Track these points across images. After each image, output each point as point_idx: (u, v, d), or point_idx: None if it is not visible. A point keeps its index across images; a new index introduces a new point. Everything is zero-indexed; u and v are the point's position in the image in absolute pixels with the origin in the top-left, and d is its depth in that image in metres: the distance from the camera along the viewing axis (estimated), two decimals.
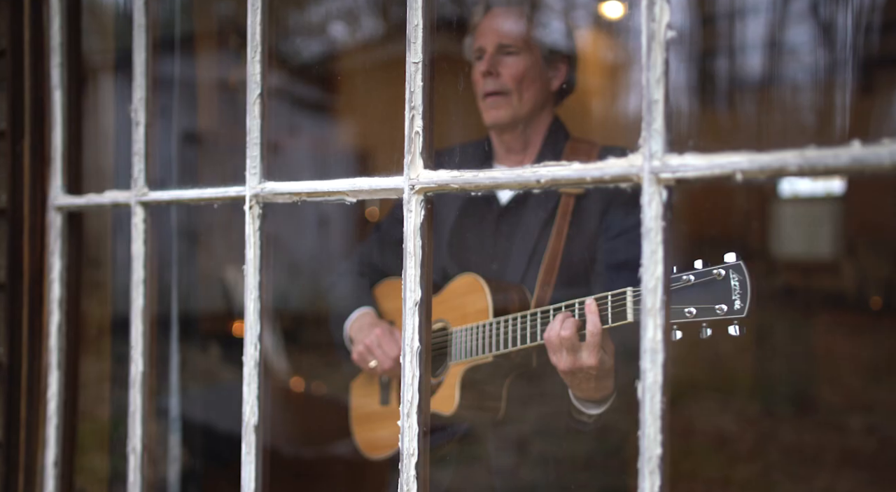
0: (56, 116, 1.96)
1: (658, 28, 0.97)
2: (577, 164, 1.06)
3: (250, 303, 1.48)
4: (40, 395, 1.96)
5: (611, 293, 1.47)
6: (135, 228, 1.72)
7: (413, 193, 1.23)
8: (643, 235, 0.99)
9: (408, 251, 1.24)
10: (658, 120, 0.98)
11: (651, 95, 0.98)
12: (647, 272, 0.98)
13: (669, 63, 0.98)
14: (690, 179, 0.95)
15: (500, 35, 1.78)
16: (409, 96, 1.24)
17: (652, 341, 0.98)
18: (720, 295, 1.34)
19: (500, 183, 1.14)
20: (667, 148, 0.98)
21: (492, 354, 1.64)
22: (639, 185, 1.00)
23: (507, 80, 1.76)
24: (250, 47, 1.49)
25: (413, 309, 1.24)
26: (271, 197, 1.45)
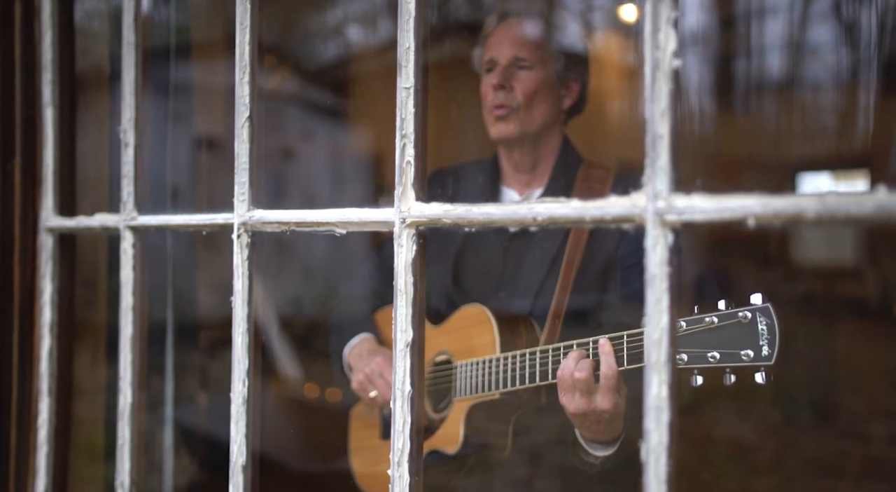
0: (48, 135, 1.90)
1: (663, 57, 0.89)
2: (577, 202, 0.98)
3: (238, 337, 1.41)
4: (31, 422, 1.91)
5: (627, 333, 1.39)
6: (124, 254, 1.66)
7: (404, 226, 1.16)
8: (647, 283, 0.91)
9: (398, 289, 1.16)
10: (663, 157, 0.90)
11: (655, 130, 0.90)
12: (651, 323, 0.90)
13: (676, 94, 0.89)
14: (698, 222, 0.87)
15: (515, 47, 1.70)
16: (399, 123, 1.16)
17: (656, 399, 0.89)
18: (746, 340, 1.26)
19: (495, 219, 1.06)
20: (673, 187, 0.90)
21: (499, 391, 1.56)
22: (642, 227, 0.92)
23: (518, 95, 1.69)
24: (238, 68, 1.42)
25: (404, 350, 1.16)
26: (260, 225, 1.38)
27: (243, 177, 1.41)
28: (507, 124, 1.69)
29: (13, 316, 1.91)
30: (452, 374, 1.67)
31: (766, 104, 5.35)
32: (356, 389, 1.78)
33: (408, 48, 1.15)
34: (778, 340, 1.25)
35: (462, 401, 1.64)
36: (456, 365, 1.67)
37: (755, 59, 5.03)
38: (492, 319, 1.62)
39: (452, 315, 1.71)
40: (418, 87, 1.16)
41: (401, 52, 1.16)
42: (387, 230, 1.18)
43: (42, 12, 1.90)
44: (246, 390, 1.41)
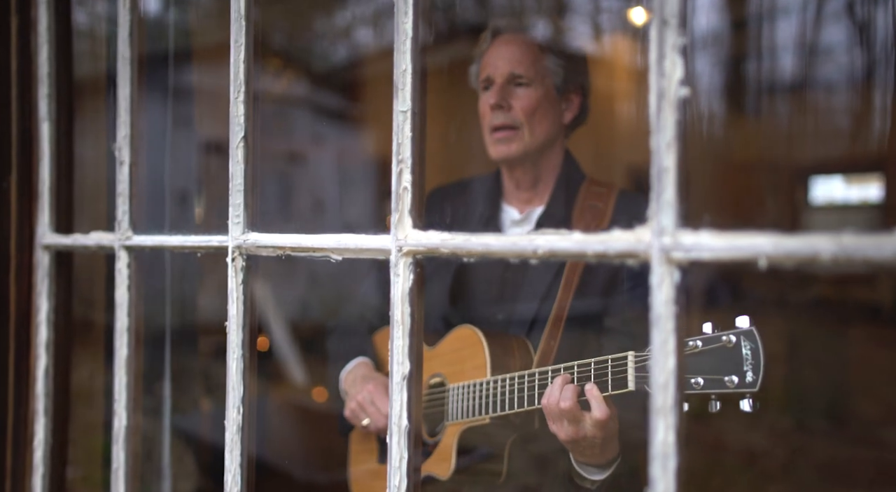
0: (44, 150, 1.87)
1: (669, 85, 0.85)
2: (578, 235, 0.93)
3: (233, 363, 1.37)
4: (27, 442, 1.87)
5: (611, 358, 1.35)
6: (119, 274, 1.62)
7: (401, 255, 1.11)
8: (652, 323, 0.86)
9: (395, 319, 1.12)
10: (669, 190, 0.85)
11: (661, 162, 0.85)
12: (658, 366, 0.86)
13: (683, 125, 0.85)
14: (706, 260, 0.82)
15: (511, 64, 1.65)
16: (396, 148, 1.12)
17: (663, 445, 0.85)
18: (730, 365, 1.22)
19: (494, 251, 1.02)
20: (680, 222, 0.85)
21: (488, 416, 1.52)
22: (647, 263, 0.87)
23: (517, 114, 1.64)
24: (233, 87, 1.38)
25: (401, 383, 1.12)
26: (254, 249, 1.34)
27: (238, 198, 1.37)
28: (508, 146, 1.64)
29: (9, 334, 1.88)
30: (445, 397, 1.63)
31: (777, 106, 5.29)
32: (349, 416, 1.74)
33: (404, 70, 1.11)
34: (763, 365, 1.21)
35: (454, 425, 1.60)
36: (448, 388, 1.63)
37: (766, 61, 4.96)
38: (483, 341, 1.58)
39: (446, 336, 1.67)
40: (415, 111, 1.11)
41: (397, 74, 1.12)
42: (383, 258, 1.14)
43: (38, 25, 1.87)
44: (241, 417, 1.37)
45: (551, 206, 1.67)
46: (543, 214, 1.67)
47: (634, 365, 1.33)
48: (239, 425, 1.37)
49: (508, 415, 1.50)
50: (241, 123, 1.37)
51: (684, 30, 0.85)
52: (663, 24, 0.86)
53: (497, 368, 1.54)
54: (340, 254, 1.21)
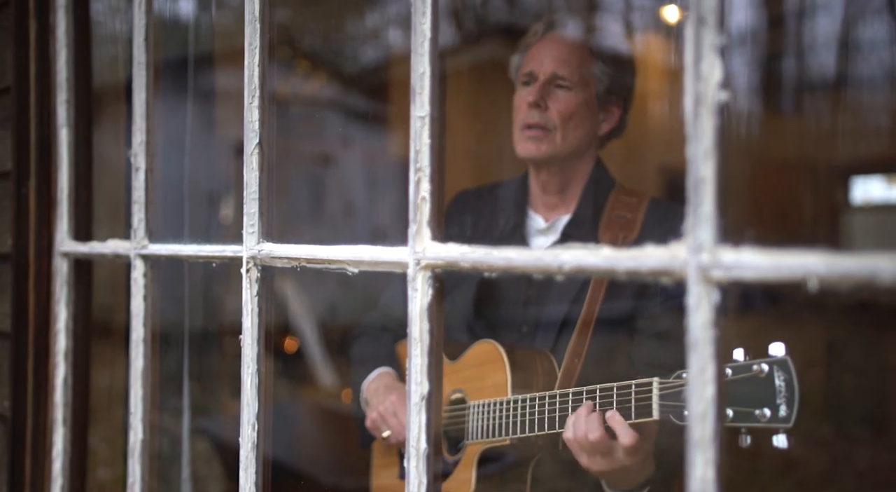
0: (62, 156, 1.84)
1: (706, 89, 0.77)
2: (608, 250, 0.86)
3: (247, 378, 1.32)
4: (45, 453, 1.85)
5: (635, 383, 1.27)
6: (134, 283, 1.58)
7: (419, 269, 1.05)
8: (689, 348, 0.79)
9: (413, 337, 1.06)
10: (707, 203, 0.78)
11: (698, 172, 0.78)
12: (695, 395, 0.78)
13: (722, 132, 0.77)
14: (749, 280, 0.75)
15: (556, 64, 1.57)
16: (413, 156, 1.06)
17: (701, 482, 0.78)
18: (762, 397, 1.13)
19: (516, 266, 0.95)
20: (719, 237, 0.78)
21: (508, 437, 1.45)
22: (682, 282, 0.80)
23: (553, 116, 1.56)
24: (247, 91, 1.33)
25: (419, 404, 1.06)
26: (269, 260, 1.29)
27: (253, 207, 1.32)
28: (537, 145, 1.57)
29: (28, 343, 1.85)
30: (466, 415, 1.57)
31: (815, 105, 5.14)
32: (369, 427, 1.68)
33: (422, 73, 1.05)
34: (797, 399, 1.12)
35: (474, 445, 1.54)
36: (469, 405, 1.57)
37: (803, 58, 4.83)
38: (504, 358, 1.51)
39: (468, 350, 1.60)
40: (434, 116, 1.05)
41: (414, 77, 1.05)
42: (400, 271, 1.08)
43: (57, 29, 1.84)
44: (256, 434, 1.32)
45: (578, 215, 1.59)
46: (569, 224, 1.60)
47: (659, 392, 1.25)
48: (254, 442, 1.32)
49: (530, 436, 1.43)
50: (256, 130, 1.32)
51: (722, 29, 0.78)
52: (700, 23, 0.79)
53: (518, 386, 1.47)
54: (356, 266, 1.15)
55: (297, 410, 5.15)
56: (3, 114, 1.93)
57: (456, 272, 1.04)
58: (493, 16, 5.44)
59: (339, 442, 4.14)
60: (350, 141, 7.75)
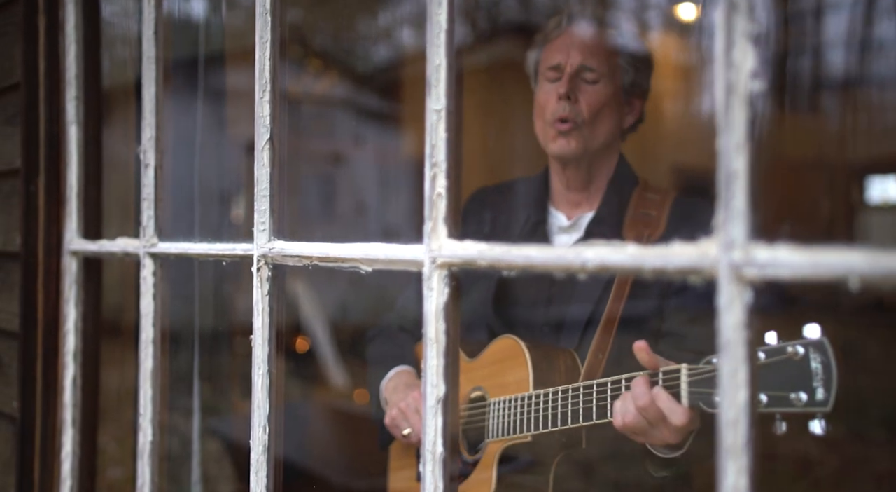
0: (72, 154, 1.82)
1: (738, 78, 0.74)
2: (633, 248, 0.83)
3: (258, 379, 1.29)
4: (55, 454, 1.82)
5: (662, 371, 1.24)
6: (143, 282, 1.56)
7: (435, 267, 1.02)
8: (720, 349, 0.75)
9: (428, 337, 1.03)
10: (739, 197, 0.74)
11: (729, 165, 0.74)
12: (727, 398, 0.75)
13: (756, 123, 0.74)
14: (785, 279, 0.71)
15: (584, 55, 1.53)
16: (429, 151, 1.03)
17: (733, 491, 0.74)
18: (798, 380, 1.09)
19: (536, 264, 0.92)
20: (752, 234, 0.74)
21: (530, 433, 1.41)
22: (713, 280, 0.76)
23: (583, 109, 1.52)
24: (258, 86, 1.30)
25: (435, 407, 1.02)
26: (280, 258, 1.26)
27: (264, 204, 1.29)
28: (568, 140, 1.53)
29: (37, 343, 1.83)
30: (485, 412, 1.53)
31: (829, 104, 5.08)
32: (389, 424, 1.64)
33: (438, 65, 1.01)
34: (835, 381, 1.08)
35: (495, 443, 1.50)
36: (489, 402, 1.53)
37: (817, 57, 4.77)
38: (526, 353, 1.47)
39: (488, 347, 1.57)
40: (451, 109, 1.02)
41: (430, 69, 1.02)
42: (415, 270, 1.05)
43: (66, 25, 1.82)
44: (268, 437, 1.29)
45: (601, 212, 1.56)
46: (593, 221, 1.56)
47: (688, 379, 1.22)
48: (265, 445, 1.29)
49: (553, 432, 1.39)
50: (267, 125, 1.29)
51: (756, 14, 0.74)
52: (732, 9, 0.75)
53: (540, 382, 1.44)
54: (370, 265, 1.12)
55: (309, 410, 5.13)
56: (12, 111, 1.91)
57: (473, 270, 1.00)
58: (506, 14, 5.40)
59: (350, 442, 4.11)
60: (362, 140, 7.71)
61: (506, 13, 5.39)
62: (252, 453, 1.30)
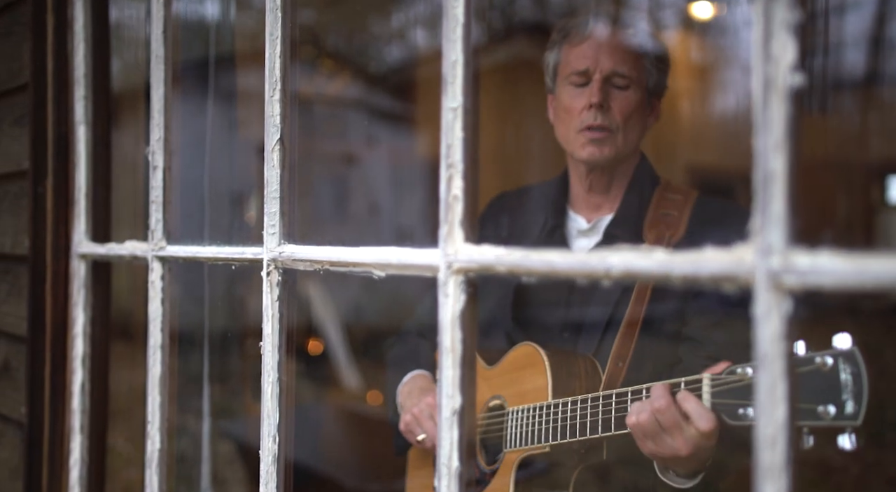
0: (80, 155, 1.79)
1: (777, 72, 0.69)
2: (661, 254, 0.78)
3: (267, 387, 1.25)
4: (63, 461, 1.79)
5: (684, 380, 1.19)
6: (151, 287, 1.52)
7: (450, 272, 0.97)
8: (758, 363, 0.70)
9: (444, 346, 0.98)
10: (778, 200, 0.69)
11: (767, 165, 0.70)
12: (764, 415, 0.70)
13: (796, 120, 0.69)
14: (827, 288, 0.66)
15: (614, 61, 1.48)
16: (445, 151, 0.98)
17: None
18: (826, 392, 1.04)
19: (558, 270, 0.87)
20: (791, 239, 0.69)
21: (548, 444, 1.37)
22: (748, 289, 0.71)
23: (616, 116, 1.47)
24: (268, 84, 1.26)
25: (451, 419, 0.98)
26: (290, 263, 1.22)
27: (274, 207, 1.25)
28: (601, 148, 1.48)
29: (45, 347, 1.80)
30: (504, 421, 1.49)
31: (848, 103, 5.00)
32: (403, 430, 1.60)
33: (455, 61, 0.97)
34: (866, 393, 1.03)
35: (512, 453, 1.46)
36: (507, 411, 1.49)
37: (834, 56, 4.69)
38: (545, 361, 1.43)
39: (507, 354, 1.52)
40: (467, 107, 0.97)
41: (446, 66, 0.98)
42: (430, 275, 1.00)
43: (75, 24, 1.79)
44: (277, 447, 1.25)
45: (621, 214, 1.51)
46: (612, 223, 1.51)
47: (711, 390, 1.17)
48: (275, 455, 1.25)
49: (572, 444, 1.35)
50: (277, 124, 1.25)
51: (796, 3, 0.69)
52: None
53: (559, 390, 1.39)
54: (383, 270, 1.07)
55: (322, 412, 5.10)
56: (20, 111, 1.88)
57: (491, 276, 0.96)
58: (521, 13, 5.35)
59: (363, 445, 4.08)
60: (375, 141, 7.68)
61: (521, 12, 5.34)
62: (262, 463, 1.26)
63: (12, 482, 1.90)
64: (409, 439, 1.61)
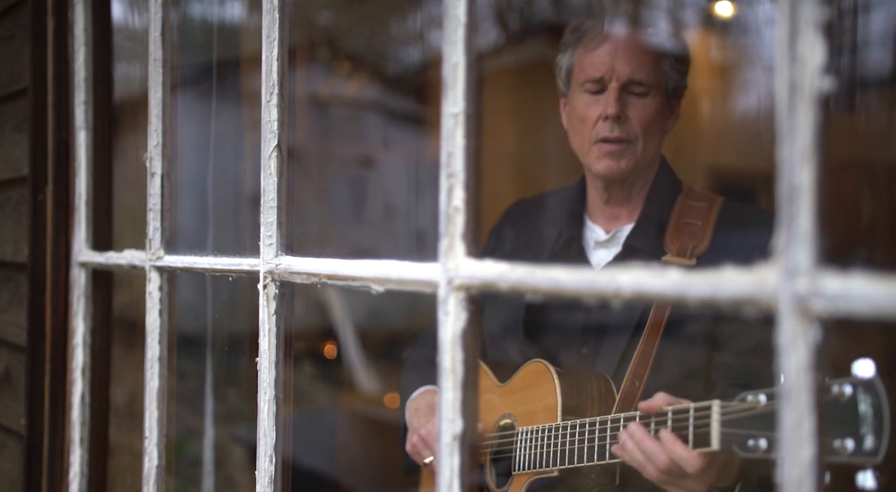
0: (80, 161, 1.74)
1: (804, 75, 0.62)
2: (675, 273, 0.71)
3: (264, 405, 1.20)
4: (63, 474, 1.75)
5: (693, 406, 1.12)
6: (149, 297, 1.47)
7: (451, 289, 0.91)
8: (783, 396, 0.64)
9: (444, 368, 0.92)
10: (805, 216, 0.63)
11: (793, 178, 0.63)
12: (790, 454, 0.63)
13: (825, 128, 0.62)
14: (860, 315, 0.60)
15: (631, 68, 1.39)
16: (445, 160, 0.92)
17: None
18: (843, 425, 0.96)
19: (565, 289, 0.81)
20: (819, 260, 0.63)
21: (556, 468, 1.30)
22: (772, 313, 0.65)
23: (634, 127, 1.39)
24: (265, 88, 1.20)
25: (451, 445, 0.92)
26: (287, 275, 1.16)
27: (271, 217, 1.19)
28: (618, 161, 1.40)
29: (44, 358, 1.76)
30: (513, 442, 1.42)
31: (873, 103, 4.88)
32: (410, 452, 1.54)
33: (456, 64, 0.91)
34: (887, 427, 0.95)
35: (521, 475, 1.39)
36: (517, 431, 1.42)
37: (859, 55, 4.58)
38: (555, 379, 1.36)
39: (517, 373, 1.46)
40: (469, 113, 0.91)
41: (447, 69, 0.92)
42: (430, 291, 0.94)
43: (75, 27, 1.74)
44: (274, 467, 1.19)
45: (641, 224, 1.43)
46: (632, 234, 1.44)
47: (721, 418, 1.09)
48: (272, 476, 1.19)
49: (582, 468, 1.28)
50: (275, 130, 1.20)
51: (825, 1, 0.63)
52: None
53: (569, 411, 1.33)
54: (381, 285, 1.01)
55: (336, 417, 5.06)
56: (20, 116, 1.84)
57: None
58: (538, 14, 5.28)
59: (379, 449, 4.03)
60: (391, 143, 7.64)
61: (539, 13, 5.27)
62: (258, 484, 1.20)
63: None
64: (417, 460, 1.55)
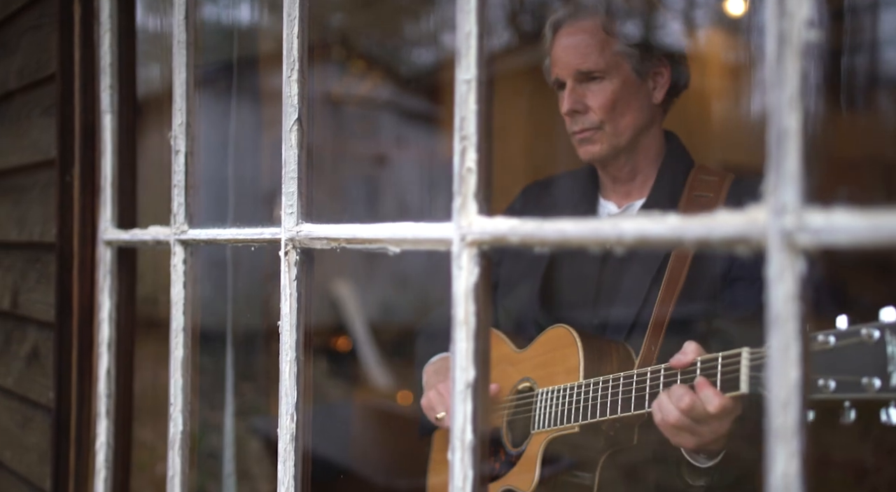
0: (106, 143, 1.81)
1: (792, 27, 0.67)
2: (673, 218, 0.77)
3: (285, 365, 1.26)
4: (89, 444, 1.81)
5: (721, 355, 1.18)
6: (174, 270, 1.53)
7: (464, 245, 0.97)
8: (770, 324, 0.69)
9: (458, 319, 0.98)
10: (791, 158, 0.68)
11: (781, 123, 0.68)
12: (777, 378, 0.68)
13: (810, 76, 0.67)
14: (842, 246, 0.65)
15: (578, 60, 1.48)
16: (458, 123, 0.98)
17: (783, 478, 0.67)
18: (871, 365, 1.01)
19: (571, 238, 0.86)
20: (805, 198, 0.68)
21: (577, 423, 1.36)
22: (762, 250, 0.70)
23: (595, 115, 1.47)
24: (286, 64, 1.26)
25: (464, 392, 0.97)
26: (308, 241, 1.22)
27: (291, 187, 1.25)
28: (592, 146, 1.49)
29: (72, 332, 1.83)
30: (532, 402, 1.48)
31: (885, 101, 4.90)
32: (424, 407, 1.60)
33: (468, 33, 0.96)
34: None
35: (540, 434, 1.45)
36: (536, 392, 1.48)
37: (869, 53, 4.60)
38: (578, 342, 1.41)
39: (538, 337, 1.51)
40: (481, 79, 0.97)
41: (460, 37, 0.97)
42: (444, 249, 1.00)
43: (101, 13, 1.81)
44: (295, 425, 1.25)
45: (653, 198, 1.49)
46: (643, 207, 1.50)
47: (749, 363, 1.15)
48: (293, 433, 1.25)
49: (601, 426, 1.33)
50: (295, 104, 1.25)
51: None
52: None
53: (591, 372, 1.38)
54: (398, 245, 1.07)
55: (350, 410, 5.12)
56: (49, 102, 1.91)
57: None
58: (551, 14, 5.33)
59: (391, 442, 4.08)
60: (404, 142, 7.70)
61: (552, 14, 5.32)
62: (280, 441, 1.26)
63: (41, 467, 1.93)
64: (430, 416, 1.61)
